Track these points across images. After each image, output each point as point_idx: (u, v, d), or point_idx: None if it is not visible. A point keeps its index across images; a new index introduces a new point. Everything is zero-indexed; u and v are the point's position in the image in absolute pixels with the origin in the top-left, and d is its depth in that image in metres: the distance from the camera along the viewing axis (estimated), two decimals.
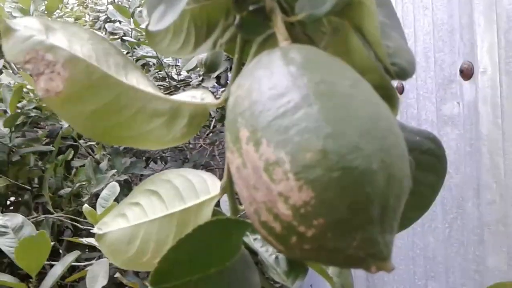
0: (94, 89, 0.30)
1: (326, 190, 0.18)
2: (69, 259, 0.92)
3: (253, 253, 0.36)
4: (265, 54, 0.23)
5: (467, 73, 0.72)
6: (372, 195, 0.18)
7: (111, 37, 2.28)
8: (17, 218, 0.94)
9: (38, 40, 0.28)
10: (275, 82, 0.20)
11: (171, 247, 0.23)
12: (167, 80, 2.39)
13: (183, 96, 0.33)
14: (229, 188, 0.32)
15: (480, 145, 0.68)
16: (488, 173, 0.67)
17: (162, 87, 2.39)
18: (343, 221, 0.18)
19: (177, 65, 2.54)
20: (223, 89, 2.66)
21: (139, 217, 0.36)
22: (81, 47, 0.30)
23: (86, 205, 1.20)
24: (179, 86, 2.49)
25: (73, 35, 0.31)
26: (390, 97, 0.25)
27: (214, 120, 2.62)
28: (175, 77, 2.53)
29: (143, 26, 1.76)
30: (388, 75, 0.25)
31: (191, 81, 2.58)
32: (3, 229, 0.91)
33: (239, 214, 0.33)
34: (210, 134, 2.70)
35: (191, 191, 0.35)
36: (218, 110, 2.68)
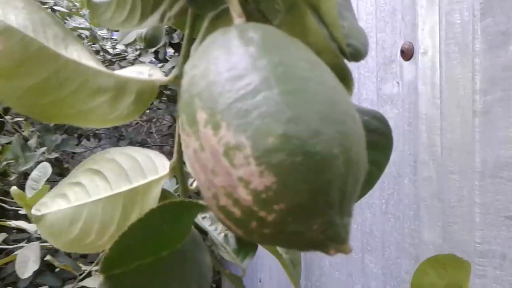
0: (31, 63, 0.27)
1: (288, 174, 0.18)
2: None
3: (202, 232, 0.35)
4: (220, 33, 0.22)
5: (407, 54, 0.74)
6: (333, 179, 0.18)
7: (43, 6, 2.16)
8: None
9: None
10: (233, 63, 0.20)
11: (122, 233, 0.22)
12: (101, 53, 2.30)
13: (129, 72, 0.31)
14: (178, 168, 0.31)
15: (418, 123, 0.71)
16: (426, 151, 0.69)
17: None
18: (304, 205, 0.18)
19: (112, 38, 2.44)
20: (160, 64, 2.59)
21: (81, 197, 0.35)
22: (16, 17, 0.28)
23: (14, 187, 1.15)
24: (114, 60, 2.41)
25: (6, 3, 0.28)
26: (344, 78, 0.25)
27: None
28: (110, 50, 2.44)
29: None
30: (343, 55, 0.25)
31: (127, 56, 2.50)
32: None
33: (188, 195, 0.32)
34: (147, 111, 2.64)
35: (138, 171, 0.33)
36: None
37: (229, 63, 0.20)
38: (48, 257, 1.21)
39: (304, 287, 1.27)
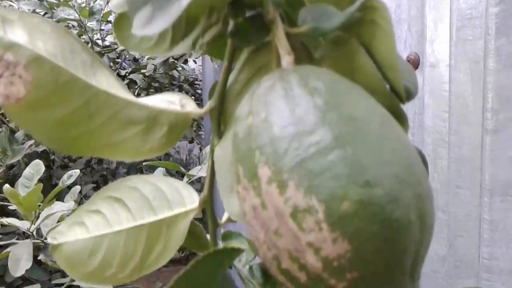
0: (61, 93, 0.26)
1: (364, 243, 0.17)
2: None
3: None
4: (278, 78, 0.21)
5: (413, 64, 0.73)
6: (408, 247, 0.17)
7: None
8: None
9: None
10: (300, 116, 0.18)
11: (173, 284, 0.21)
12: (90, 45, 2.26)
13: (158, 101, 0.30)
14: (209, 203, 0.30)
15: (423, 135, 0.71)
16: (431, 163, 0.69)
17: None
18: (378, 274, 0.17)
19: (101, 30, 2.41)
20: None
21: (101, 227, 0.33)
22: (44, 44, 0.26)
23: (7, 185, 1.12)
24: (103, 52, 2.37)
25: (33, 29, 0.26)
26: (400, 122, 0.24)
27: (138, 89, 2.53)
28: (99, 42, 2.41)
29: None
30: (398, 98, 0.24)
31: (117, 48, 2.46)
32: None
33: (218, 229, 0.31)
34: None
35: (163, 202, 0.32)
36: (144, 79, 2.59)
37: (294, 116, 0.19)
38: (41, 257, 1.18)
39: None
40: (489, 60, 0.54)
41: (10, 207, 1.32)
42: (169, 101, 0.30)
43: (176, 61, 2.62)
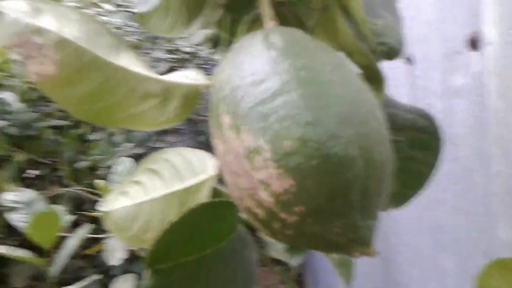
0: (84, 71, 0.30)
1: (305, 177, 0.18)
2: (81, 232, 0.94)
3: (252, 229, 0.36)
4: (248, 37, 0.23)
5: (473, 44, 0.70)
6: (352, 181, 0.18)
7: (119, 9, 2.26)
8: (29, 194, 0.95)
9: (27, 23, 0.28)
10: (255, 68, 0.20)
11: (165, 230, 0.24)
12: (176, 52, 2.38)
13: (176, 77, 0.32)
14: None
15: (486, 116, 0.67)
16: (495, 144, 0.66)
17: (173, 59, 2.39)
18: (323, 207, 0.18)
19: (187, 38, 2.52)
20: None
21: (140, 195, 0.37)
22: (70, 29, 0.30)
23: (97, 180, 1.22)
24: (190, 58, 2.49)
25: (62, 17, 0.30)
26: (376, 79, 0.25)
27: None
28: (187, 49, 2.52)
29: None
30: (375, 55, 0.25)
31: (201, 54, 2.57)
32: (14, 205, 0.92)
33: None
34: None
35: (190, 171, 0.35)
36: None
37: (251, 67, 0.20)
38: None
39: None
40: None
41: None
42: (184, 76, 0.32)
43: None
